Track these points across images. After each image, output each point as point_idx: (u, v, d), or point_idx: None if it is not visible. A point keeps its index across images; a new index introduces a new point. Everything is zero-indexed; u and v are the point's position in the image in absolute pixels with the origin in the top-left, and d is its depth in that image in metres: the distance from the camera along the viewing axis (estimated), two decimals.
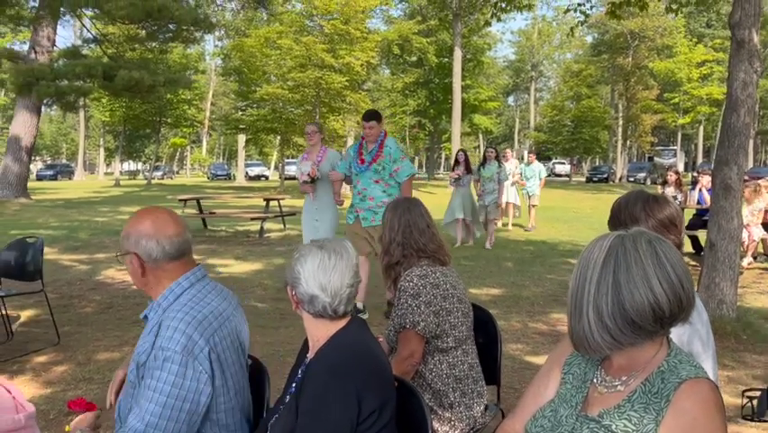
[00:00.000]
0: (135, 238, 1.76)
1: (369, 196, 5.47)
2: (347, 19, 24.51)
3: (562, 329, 5.19)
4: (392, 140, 5.57)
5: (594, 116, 39.61)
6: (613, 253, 1.21)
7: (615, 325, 1.18)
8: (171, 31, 19.07)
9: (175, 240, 1.76)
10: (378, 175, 5.45)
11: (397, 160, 5.46)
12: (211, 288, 1.85)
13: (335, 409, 1.53)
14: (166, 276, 1.78)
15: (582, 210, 18.19)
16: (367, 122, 5.46)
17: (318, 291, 1.67)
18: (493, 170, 10.19)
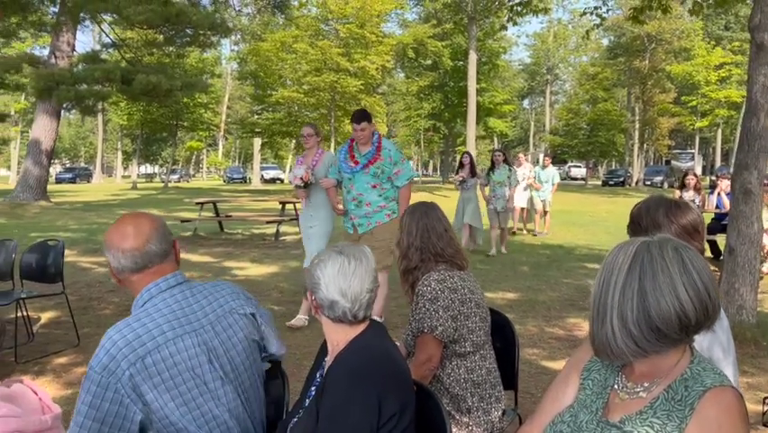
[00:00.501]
0: (105, 248, 1.75)
1: (365, 201, 5.08)
2: (362, 23, 24.61)
3: (579, 334, 5.17)
4: (389, 141, 5.23)
5: (610, 120, 39.31)
6: (639, 260, 1.20)
7: (639, 332, 1.17)
8: (188, 35, 19.25)
9: (129, 254, 1.70)
10: (376, 179, 5.04)
11: (398, 162, 5.10)
12: (182, 297, 1.75)
13: (356, 413, 1.54)
14: (136, 286, 1.74)
15: (598, 214, 18.06)
16: (358, 123, 5.00)
17: (338, 297, 1.68)
18: (504, 175, 9.81)
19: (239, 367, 1.80)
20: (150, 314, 1.67)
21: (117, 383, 1.54)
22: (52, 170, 39.99)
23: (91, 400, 1.52)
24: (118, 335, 1.60)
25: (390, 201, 5.13)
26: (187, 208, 18.70)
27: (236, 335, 1.81)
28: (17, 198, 18.85)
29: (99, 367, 1.55)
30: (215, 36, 19.61)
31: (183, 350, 1.66)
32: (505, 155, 10.19)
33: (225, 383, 1.74)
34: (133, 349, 1.58)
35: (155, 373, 1.59)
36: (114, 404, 1.54)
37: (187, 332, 1.69)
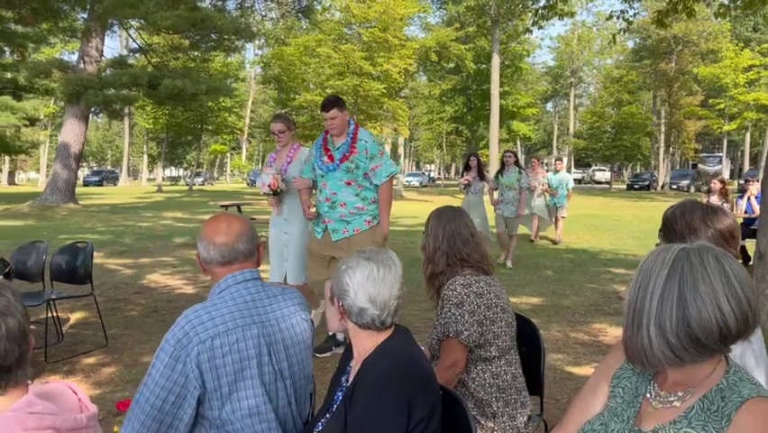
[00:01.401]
0: (198, 238, 1.93)
1: (339, 202, 4.41)
2: (385, 27, 24.67)
3: (605, 340, 5.11)
4: (367, 132, 4.54)
5: (635, 123, 38.91)
6: (678, 268, 1.17)
7: (678, 342, 1.15)
8: (213, 40, 19.48)
9: (220, 248, 1.87)
10: (349, 175, 4.38)
11: (375, 156, 4.40)
12: (254, 291, 1.89)
13: (386, 417, 1.55)
14: (216, 277, 1.90)
15: (623, 218, 17.84)
16: (326, 111, 4.34)
17: (367, 304, 1.68)
18: (513, 178, 9.02)
19: (294, 366, 1.90)
20: (224, 301, 1.81)
21: (186, 357, 1.67)
22: (80, 174, 40.75)
23: (162, 369, 1.67)
24: (194, 314, 1.74)
25: (369, 203, 4.48)
26: (211, 211, 18.89)
27: (297, 336, 1.92)
28: (46, 201, 19.24)
29: (174, 340, 1.69)
30: (240, 41, 19.84)
31: (248, 338, 1.78)
32: (516, 157, 9.51)
33: (279, 380, 1.84)
34: (206, 329, 1.72)
35: (219, 355, 1.71)
36: (181, 376, 1.67)
37: (254, 322, 1.82)
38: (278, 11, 24.90)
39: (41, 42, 12.75)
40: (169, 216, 18.28)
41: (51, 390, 1.30)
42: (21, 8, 5.43)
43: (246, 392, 1.76)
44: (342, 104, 4.42)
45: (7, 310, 1.22)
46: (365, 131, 4.52)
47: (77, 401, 1.34)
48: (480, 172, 8.97)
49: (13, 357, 1.21)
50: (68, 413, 1.27)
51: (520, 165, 9.37)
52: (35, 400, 1.21)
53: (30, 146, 30.31)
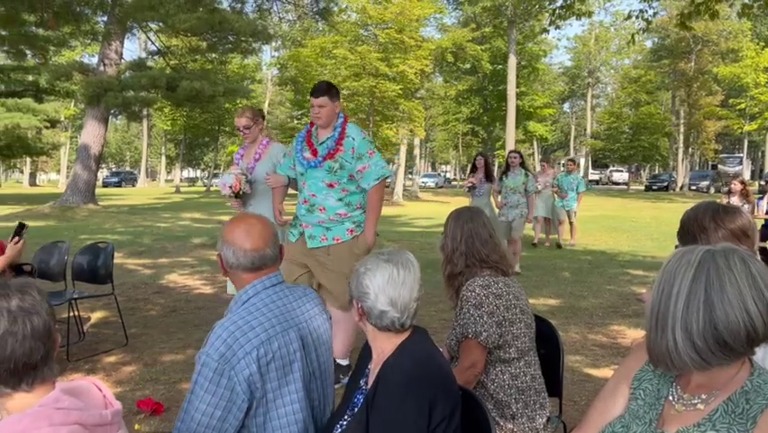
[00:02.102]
0: (222, 241, 1.88)
1: (319, 206, 3.83)
2: (401, 28, 24.67)
3: (623, 342, 5.07)
4: (356, 128, 3.95)
5: (654, 123, 38.53)
6: (704, 270, 1.16)
7: (705, 345, 1.14)
8: (231, 42, 19.62)
9: (250, 254, 1.82)
10: (332, 176, 3.79)
11: (364, 156, 3.80)
12: (283, 295, 1.88)
13: (409, 419, 1.55)
14: (241, 282, 1.87)
15: (642, 220, 17.68)
16: (316, 97, 3.81)
17: (388, 307, 1.68)
18: (519, 180, 8.42)
19: (323, 365, 1.93)
20: (259, 308, 1.79)
21: (231, 371, 1.66)
22: (99, 175, 41.26)
23: (207, 385, 1.65)
24: (234, 326, 1.72)
25: (355, 209, 3.88)
26: (229, 212, 19.01)
27: (322, 336, 1.93)
28: (67, 202, 19.50)
29: (217, 355, 1.66)
30: (257, 42, 19.95)
31: (289, 343, 1.78)
32: (522, 157, 8.90)
33: (312, 381, 1.87)
34: (248, 340, 1.70)
35: (264, 363, 1.71)
36: (226, 390, 1.66)
37: (291, 326, 1.82)
38: (295, 13, 25.00)
39: (61, 45, 12.92)
40: (187, 216, 18.44)
41: (77, 386, 1.32)
42: (43, 12, 5.52)
43: (291, 397, 1.77)
44: (334, 93, 3.90)
45: (33, 309, 1.24)
46: (355, 126, 3.95)
47: (102, 398, 1.36)
48: (488, 174, 8.52)
49: (39, 355, 1.24)
50: (94, 409, 1.29)
51: (526, 167, 8.90)
52: (62, 396, 1.23)
53: (50, 148, 30.77)
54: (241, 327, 1.72)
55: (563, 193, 11.20)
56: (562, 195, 11.21)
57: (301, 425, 1.80)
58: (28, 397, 1.23)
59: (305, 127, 4.08)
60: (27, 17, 5.97)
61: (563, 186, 11.24)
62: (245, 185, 4.27)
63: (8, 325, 1.19)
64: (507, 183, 8.55)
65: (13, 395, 1.23)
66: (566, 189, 11.19)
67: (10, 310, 1.20)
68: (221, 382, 1.65)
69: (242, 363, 1.67)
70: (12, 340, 1.19)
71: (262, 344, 1.71)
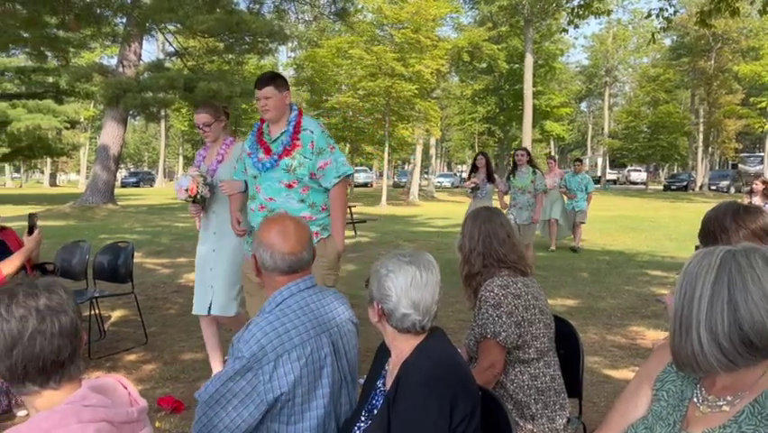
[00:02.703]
0: (257, 243, 1.89)
1: (278, 209, 3.28)
2: (417, 27, 24.63)
3: (642, 343, 5.03)
4: (313, 120, 3.49)
5: (672, 122, 38.14)
6: (725, 270, 1.15)
7: (731, 345, 1.13)
8: (247, 43, 19.71)
9: (288, 257, 1.84)
10: (290, 176, 3.31)
11: (324, 151, 3.34)
12: (316, 298, 1.89)
13: (431, 419, 1.56)
14: (274, 284, 1.88)
15: (660, 220, 17.49)
16: (260, 89, 3.33)
17: (410, 310, 1.67)
18: (527, 179, 8.05)
19: (352, 372, 1.94)
20: (294, 311, 1.81)
21: (259, 370, 1.70)
22: (118, 175, 41.74)
23: (233, 374, 1.71)
24: (269, 326, 1.74)
25: (319, 211, 3.40)
26: None
27: (351, 341, 1.94)
28: (87, 202, 19.74)
29: (249, 353, 1.70)
30: (273, 43, 20.02)
31: (321, 348, 1.79)
32: (530, 155, 8.49)
33: (343, 386, 1.88)
34: (282, 343, 1.72)
35: (297, 367, 1.72)
36: (249, 386, 1.70)
37: (324, 331, 1.83)
38: (311, 13, 25.09)
39: (81, 47, 13.08)
40: None
41: (104, 383, 1.34)
42: (65, 14, 5.61)
43: (318, 402, 1.79)
44: (282, 82, 3.40)
45: (60, 307, 1.25)
46: (311, 118, 3.50)
47: (128, 395, 1.38)
48: (489, 173, 8.09)
49: (67, 353, 1.25)
50: (120, 406, 1.31)
51: (535, 164, 8.42)
52: (89, 393, 1.25)
53: (71, 148, 31.16)
54: (276, 328, 1.74)
55: (572, 194, 10.84)
56: (571, 196, 10.85)
57: (322, 429, 1.82)
58: (56, 394, 1.25)
59: (255, 124, 3.58)
60: (49, 19, 6.06)
61: (571, 187, 10.88)
62: (203, 188, 3.77)
63: (37, 324, 1.21)
64: (515, 183, 8.17)
65: (41, 393, 1.25)
66: (574, 190, 10.83)
67: (38, 309, 1.22)
68: (246, 376, 1.70)
69: (272, 365, 1.70)
70: (40, 338, 1.21)
71: (295, 348, 1.73)
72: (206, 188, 3.79)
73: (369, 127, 28.33)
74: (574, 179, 10.91)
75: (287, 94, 3.41)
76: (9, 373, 1.22)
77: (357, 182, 37.87)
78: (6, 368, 1.22)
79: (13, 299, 1.22)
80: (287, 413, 1.75)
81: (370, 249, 10.95)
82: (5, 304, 1.22)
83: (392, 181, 42.17)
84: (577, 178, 10.94)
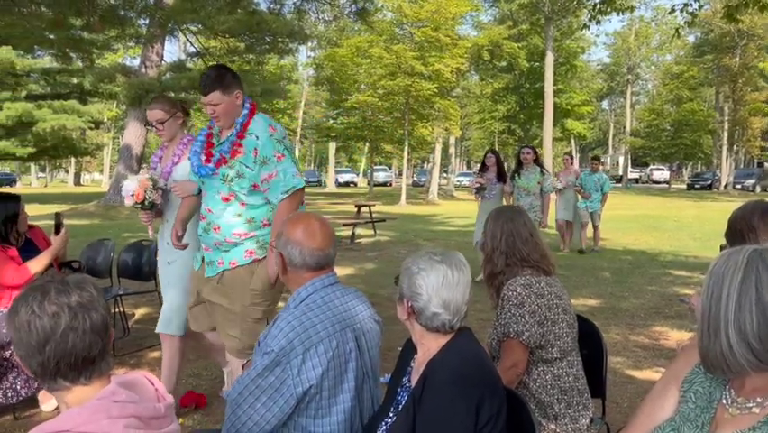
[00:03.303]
0: (285, 240, 1.91)
1: (214, 224, 2.99)
2: (437, 26, 24.59)
3: (666, 343, 4.98)
4: (264, 122, 2.97)
5: (696, 120, 37.58)
6: (753, 269, 1.14)
7: (761, 345, 1.12)
8: (268, 43, 19.83)
9: (317, 253, 1.88)
10: (228, 187, 2.94)
11: (270, 160, 2.88)
12: (339, 294, 1.92)
13: (458, 417, 1.56)
14: (299, 280, 1.91)
15: (684, 219, 17.26)
16: (204, 95, 2.93)
17: (440, 309, 1.67)
18: (533, 180, 7.62)
19: (375, 368, 1.96)
20: (319, 306, 1.83)
21: (287, 364, 1.72)
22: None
23: (261, 370, 1.74)
24: (296, 321, 1.77)
25: (260, 227, 3.00)
26: None
27: (374, 339, 1.96)
28: (110, 201, 20.02)
29: (277, 347, 1.74)
30: (293, 43, 20.12)
31: (346, 342, 1.82)
32: (536, 154, 7.95)
33: (366, 381, 1.90)
34: (309, 336, 1.75)
35: (324, 361, 1.75)
36: (277, 380, 1.73)
37: (348, 326, 1.85)
38: (330, 13, 25.15)
39: (104, 48, 13.26)
40: None
41: (132, 379, 1.36)
42: (90, 16, 5.71)
43: (344, 396, 1.80)
44: (230, 82, 2.94)
45: (91, 305, 1.27)
46: (263, 120, 2.98)
47: (154, 391, 1.40)
48: (500, 173, 7.55)
49: (97, 349, 1.27)
50: (148, 402, 1.32)
51: (541, 164, 7.99)
52: (118, 389, 1.27)
53: (94, 148, 31.59)
54: (303, 322, 1.77)
55: (587, 193, 10.31)
56: (585, 195, 10.31)
57: (349, 424, 1.83)
58: (86, 390, 1.27)
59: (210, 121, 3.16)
60: (74, 21, 6.16)
61: (587, 186, 10.35)
62: (151, 193, 3.31)
63: (69, 320, 1.23)
64: (519, 183, 7.70)
65: (72, 388, 1.27)
66: (590, 190, 10.31)
67: (71, 306, 1.24)
68: (275, 371, 1.72)
69: (300, 359, 1.72)
70: (73, 335, 1.23)
71: (322, 341, 1.76)
72: (156, 192, 3.34)
73: (388, 126, 28.35)
74: (591, 177, 10.44)
75: (238, 93, 2.97)
76: (41, 368, 1.24)
77: (376, 181, 37.92)
78: (38, 364, 1.23)
79: (45, 296, 1.24)
80: (314, 407, 1.77)
81: (389, 248, 10.97)
82: (38, 301, 1.23)
83: (411, 180, 42.16)
84: (594, 177, 10.45)
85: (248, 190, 2.93)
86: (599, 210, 10.45)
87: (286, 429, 1.81)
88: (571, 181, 10.24)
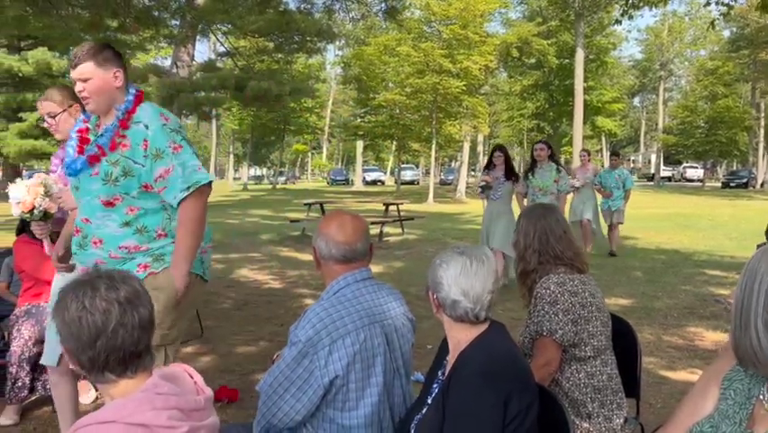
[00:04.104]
0: (316, 234, 1.98)
1: (93, 237, 2.41)
2: (465, 24, 24.48)
3: (701, 344, 4.89)
4: (154, 110, 2.43)
5: (732, 117, 36.72)
6: None
7: None
8: (296, 42, 19.98)
9: (342, 247, 1.92)
10: (111, 188, 2.37)
11: (165, 152, 2.36)
12: (371, 290, 1.95)
13: (484, 412, 1.56)
14: (332, 273, 1.95)
15: (719, 218, 16.89)
16: (73, 68, 2.36)
17: (460, 297, 1.72)
18: (548, 178, 7.05)
19: (406, 364, 1.98)
20: (348, 299, 1.87)
21: (315, 355, 1.76)
22: None
23: (290, 361, 1.79)
24: (324, 313, 1.82)
25: (153, 239, 2.43)
26: (295, 209, 19.41)
27: (406, 336, 1.99)
28: None
29: (305, 338, 1.78)
30: (322, 42, 20.24)
31: (374, 336, 1.85)
32: (551, 149, 7.29)
33: (396, 377, 1.92)
34: (336, 328, 1.79)
35: (351, 353, 1.78)
36: (306, 372, 1.77)
37: (377, 321, 1.88)
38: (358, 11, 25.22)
39: (139, 49, 13.53)
40: (256, 213, 18.92)
41: (173, 372, 1.39)
42: (125, 17, 5.85)
43: (371, 390, 1.83)
44: (108, 57, 2.40)
45: (138, 300, 1.31)
46: (152, 107, 2.45)
47: (194, 384, 1.43)
48: (509, 170, 6.92)
49: (143, 344, 1.31)
50: (189, 394, 1.36)
51: (557, 160, 7.35)
52: (161, 381, 1.30)
53: None
54: (331, 314, 1.81)
55: (607, 192, 9.58)
56: (606, 194, 9.59)
57: (377, 418, 1.85)
58: (130, 383, 1.31)
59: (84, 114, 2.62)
60: (110, 22, 6.31)
61: (607, 184, 9.62)
62: (42, 200, 2.83)
63: (119, 316, 1.26)
64: (534, 183, 7.11)
65: (118, 382, 1.31)
66: (610, 188, 9.57)
67: (120, 302, 1.27)
68: (302, 362, 1.77)
69: (327, 350, 1.76)
70: (122, 331, 1.26)
71: (349, 334, 1.79)
72: (49, 199, 2.86)
73: (416, 124, 28.32)
74: (611, 174, 9.68)
75: (117, 72, 2.40)
76: (90, 362, 1.28)
77: (404, 180, 37.89)
78: (88, 358, 1.27)
79: (96, 292, 1.27)
80: (341, 399, 1.80)
81: (417, 246, 10.97)
82: (89, 297, 1.26)
83: (438, 179, 42.05)
84: (614, 174, 9.70)
85: (138, 192, 2.38)
86: (623, 208, 9.66)
87: (315, 421, 1.85)
88: (589, 179, 9.43)
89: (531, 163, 7.32)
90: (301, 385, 1.76)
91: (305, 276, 7.90)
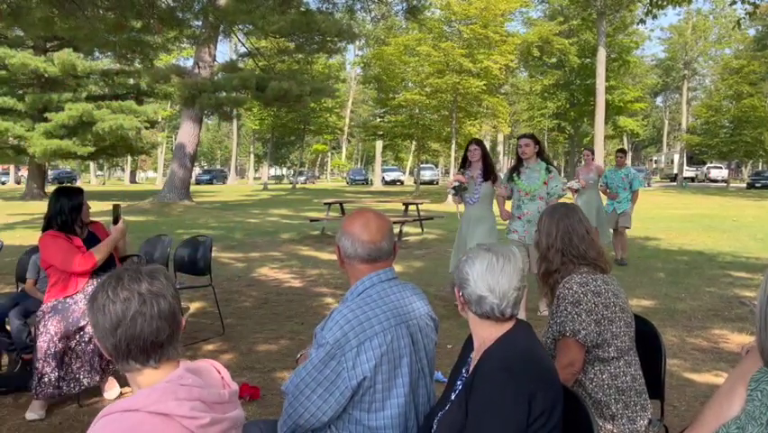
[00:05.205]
0: (341, 233, 1.97)
1: None
2: (486, 23, 24.39)
3: (726, 347, 4.82)
4: None
5: (757, 116, 36.09)
6: None
7: None
8: (317, 42, 20.06)
9: (367, 246, 1.91)
10: None
11: None
12: (396, 290, 1.95)
13: (508, 408, 1.56)
14: (357, 273, 1.94)
15: (743, 219, 16.61)
16: None
17: (486, 292, 1.71)
18: (537, 180, 5.62)
19: (430, 364, 1.98)
20: (375, 300, 1.87)
21: (342, 357, 1.76)
22: (193, 172, 43.38)
23: (317, 363, 1.78)
24: (352, 314, 1.81)
25: None
26: (314, 208, 19.50)
27: (429, 335, 1.98)
28: (164, 198, 20.62)
29: (332, 340, 1.78)
30: (342, 42, 20.29)
31: (401, 337, 1.84)
32: (540, 146, 5.79)
33: (421, 377, 1.92)
34: (363, 330, 1.78)
35: (378, 354, 1.78)
36: (333, 373, 1.77)
37: (403, 321, 1.88)
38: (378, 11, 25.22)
39: (162, 50, 13.70)
40: (276, 213, 19.03)
41: (199, 366, 1.42)
42: (149, 18, 5.93)
43: (398, 390, 1.83)
44: None
45: (160, 292, 1.35)
46: None
47: (220, 378, 1.45)
48: (487, 170, 5.75)
49: (165, 335, 1.34)
50: (213, 387, 1.38)
51: (548, 159, 5.87)
52: (185, 373, 1.33)
53: (150, 147, 32.58)
54: (358, 315, 1.80)
55: (613, 193, 8.79)
56: (612, 195, 8.80)
57: (403, 419, 1.85)
58: (155, 373, 1.34)
59: None
60: (135, 23, 6.40)
61: (612, 185, 8.83)
62: None
63: (138, 306, 1.31)
64: (520, 185, 5.70)
65: (142, 371, 1.34)
66: (616, 188, 8.78)
67: (140, 293, 1.32)
68: (330, 364, 1.76)
69: (354, 352, 1.75)
70: (141, 320, 1.31)
71: (377, 335, 1.79)
72: None
73: (435, 124, 28.29)
74: (616, 174, 8.86)
75: None
76: (114, 349, 1.33)
77: (423, 180, 37.83)
78: (112, 345, 1.33)
79: (119, 282, 1.33)
80: (368, 400, 1.80)
81: (436, 246, 10.95)
82: (113, 287, 1.33)
83: None
84: (620, 173, 8.85)
85: None
86: (629, 211, 8.80)
87: (341, 422, 1.84)
88: (592, 180, 8.54)
89: (516, 162, 5.89)
90: (328, 387, 1.76)
91: (324, 275, 7.93)
